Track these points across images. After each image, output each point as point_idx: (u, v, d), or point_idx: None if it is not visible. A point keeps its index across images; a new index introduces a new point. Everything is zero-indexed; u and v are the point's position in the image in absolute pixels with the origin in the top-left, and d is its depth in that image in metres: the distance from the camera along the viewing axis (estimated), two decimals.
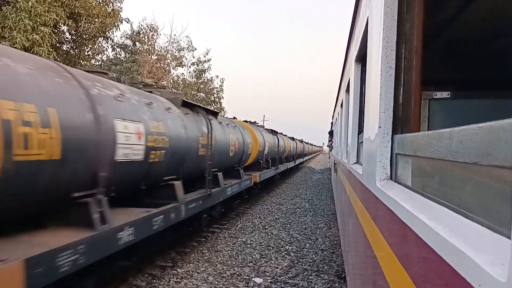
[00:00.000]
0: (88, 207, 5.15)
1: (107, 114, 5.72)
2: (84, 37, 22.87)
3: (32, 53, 15.64)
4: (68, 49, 23.45)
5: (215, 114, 11.89)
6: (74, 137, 4.86)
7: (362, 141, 3.80)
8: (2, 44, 14.60)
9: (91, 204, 5.19)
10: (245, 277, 7.80)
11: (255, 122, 21.38)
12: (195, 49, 40.64)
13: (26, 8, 17.20)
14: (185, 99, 9.49)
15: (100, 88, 5.93)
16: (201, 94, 41.97)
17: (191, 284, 7.29)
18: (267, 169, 19.20)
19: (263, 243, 10.40)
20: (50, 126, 4.42)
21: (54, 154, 4.50)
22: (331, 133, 22.67)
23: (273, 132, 23.91)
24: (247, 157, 15.76)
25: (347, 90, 6.58)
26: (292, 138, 38.04)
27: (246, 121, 19.22)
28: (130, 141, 6.22)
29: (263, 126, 23.47)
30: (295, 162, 34.45)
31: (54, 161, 4.53)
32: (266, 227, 12.45)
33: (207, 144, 9.83)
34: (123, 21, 25.24)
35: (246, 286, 7.32)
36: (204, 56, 41.57)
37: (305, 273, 8.13)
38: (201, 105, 10.81)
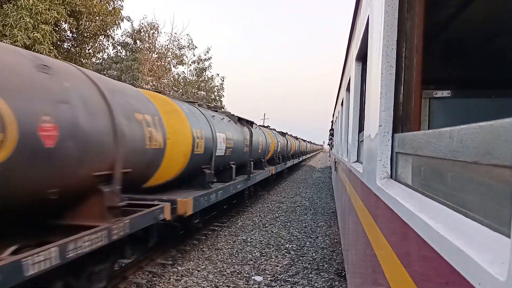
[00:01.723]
0: (205, 176, 10.13)
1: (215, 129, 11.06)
2: (85, 35, 22.90)
3: (33, 51, 15.64)
4: (69, 47, 23.47)
5: (252, 123, 16.26)
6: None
7: (363, 140, 3.80)
8: (3, 42, 14.61)
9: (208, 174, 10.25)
10: (245, 275, 7.81)
11: (268, 126, 26.59)
12: (196, 47, 40.67)
13: (27, 6, 17.20)
14: (238, 116, 14.44)
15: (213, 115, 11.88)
16: (202, 92, 41.98)
17: (191, 282, 7.30)
18: (279, 164, 23.77)
19: (263, 241, 10.41)
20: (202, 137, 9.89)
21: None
22: (331, 132, 22.71)
23: (282, 134, 29.20)
24: (268, 153, 20.61)
25: (348, 89, 6.58)
26: (296, 138, 41.33)
27: (263, 126, 24.47)
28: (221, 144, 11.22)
29: (274, 129, 27.31)
30: (298, 159, 39.99)
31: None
32: (266, 225, 12.46)
33: (248, 145, 14.62)
34: (124, 19, 25.28)
35: (246, 284, 7.33)
36: (205, 55, 41.61)
37: (305, 271, 8.14)
38: (245, 118, 15.29)
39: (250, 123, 16.19)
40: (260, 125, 22.21)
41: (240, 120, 14.82)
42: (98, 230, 4.98)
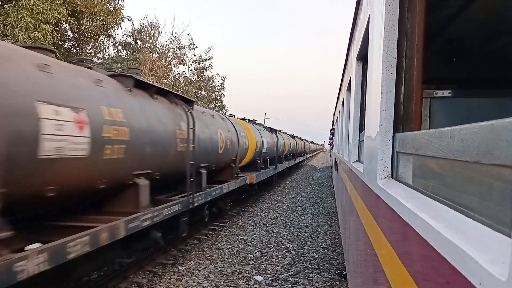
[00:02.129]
0: (258, 164, 17.58)
1: (262, 136, 18.22)
2: (86, 35, 22.90)
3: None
4: (70, 47, 23.48)
5: (276, 131, 14.80)
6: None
7: (363, 140, 3.80)
8: (4, 42, 14.62)
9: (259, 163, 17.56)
10: (246, 274, 7.81)
11: (254, 120, 21.39)
12: (196, 47, 40.66)
13: (28, 6, 17.20)
14: (270, 127, 13.07)
15: None
16: (203, 92, 41.99)
17: (192, 281, 7.31)
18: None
19: (264, 241, 10.41)
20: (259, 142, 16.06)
21: None
22: (332, 132, 22.71)
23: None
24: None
25: (348, 89, 6.57)
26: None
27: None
28: (265, 145, 17.46)
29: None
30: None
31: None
32: (267, 225, 12.46)
33: (276, 145, 13.13)
34: (125, 19, 25.26)
35: (247, 284, 7.33)
36: (205, 54, 41.60)
37: (305, 271, 8.14)
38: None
39: (275, 131, 23.71)
40: (278, 131, 25.83)
41: (271, 130, 22.18)
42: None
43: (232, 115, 18.39)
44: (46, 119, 4.51)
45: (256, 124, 21.07)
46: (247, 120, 19.47)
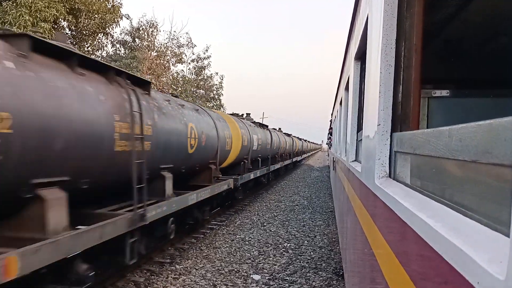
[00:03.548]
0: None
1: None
2: (84, 33, 22.87)
3: None
4: None
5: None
6: None
7: (361, 139, 3.80)
8: None
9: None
10: (243, 273, 7.81)
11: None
12: (195, 45, 40.69)
13: (26, 3, 17.17)
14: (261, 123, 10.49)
15: None
16: (201, 90, 41.97)
17: (189, 280, 7.30)
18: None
19: (261, 240, 10.42)
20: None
21: None
22: (330, 131, 22.76)
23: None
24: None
25: (347, 88, 6.57)
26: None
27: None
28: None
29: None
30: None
31: None
32: (265, 224, 12.46)
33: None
34: (123, 17, 25.25)
35: (244, 283, 7.33)
36: (204, 53, 41.59)
37: (303, 270, 8.14)
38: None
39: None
40: (275, 129, 27.04)
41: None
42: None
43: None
44: None
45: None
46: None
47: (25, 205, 4.52)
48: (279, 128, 33.03)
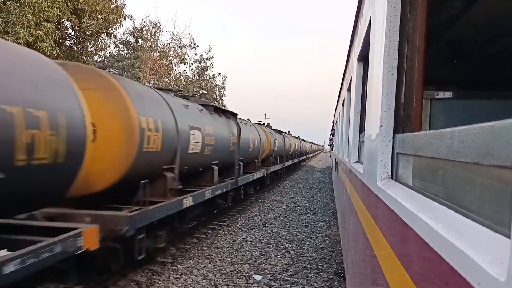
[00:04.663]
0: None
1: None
2: (87, 33, 22.89)
3: (34, 48, 15.67)
4: (71, 45, 23.48)
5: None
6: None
7: (363, 140, 3.80)
8: (5, 39, 14.63)
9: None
10: (244, 274, 7.82)
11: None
12: (197, 46, 40.69)
13: (30, 3, 17.21)
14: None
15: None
16: (203, 91, 42.01)
17: (191, 280, 7.31)
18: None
19: (263, 241, 10.42)
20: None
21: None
22: (332, 133, 22.87)
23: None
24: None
25: (349, 89, 6.58)
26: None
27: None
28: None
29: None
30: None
31: None
32: (266, 224, 12.47)
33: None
34: (126, 18, 25.26)
35: (245, 283, 7.33)
36: (206, 54, 41.62)
37: (304, 271, 8.14)
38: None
39: (283, 133, 26.05)
40: (285, 132, 29.78)
41: (280, 132, 24.76)
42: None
43: (259, 123, 22.77)
44: None
45: (269, 127, 25.23)
46: (263, 124, 24.15)
47: (207, 170, 11.12)
48: (289, 132, 36.36)
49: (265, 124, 25.54)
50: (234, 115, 14.00)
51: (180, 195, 8.32)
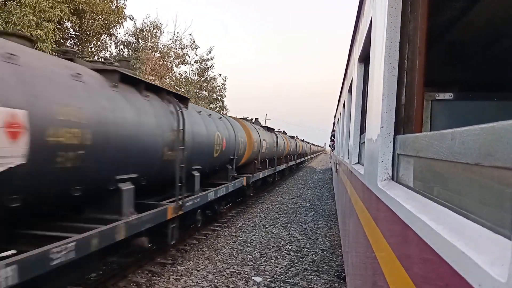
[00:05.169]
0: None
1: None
2: (88, 33, 22.91)
3: (35, 49, 15.66)
4: (72, 46, 23.47)
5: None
6: None
7: (364, 141, 3.80)
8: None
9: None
10: (244, 275, 7.81)
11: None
12: (198, 47, 40.70)
13: (31, 3, 17.22)
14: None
15: None
16: (204, 92, 42.01)
17: (191, 281, 7.30)
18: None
19: (263, 242, 10.41)
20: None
21: None
22: (333, 134, 22.90)
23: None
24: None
25: (350, 90, 6.57)
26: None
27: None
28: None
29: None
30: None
31: None
32: (267, 226, 12.46)
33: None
34: (127, 18, 25.28)
35: (245, 285, 7.32)
36: (207, 54, 41.63)
37: (304, 273, 8.14)
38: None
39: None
40: (280, 131, 28.36)
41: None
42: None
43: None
44: None
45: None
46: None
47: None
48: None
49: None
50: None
51: None
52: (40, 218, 5.58)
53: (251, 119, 20.83)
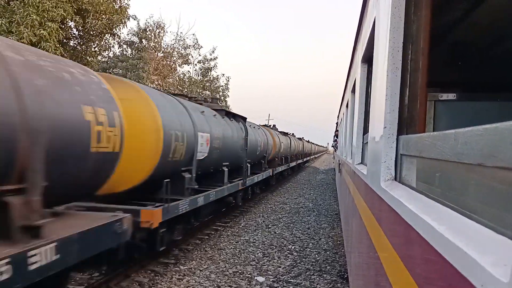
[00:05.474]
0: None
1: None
2: (91, 33, 22.95)
3: (38, 48, 15.70)
4: (75, 45, 23.54)
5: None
6: None
7: (367, 142, 3.80)
8: (10, 38, 14.65)
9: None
10: (247, 275, 7.81)
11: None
12: (201, 47, 40.77)
13: (34, 3, 17.28)
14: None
15: None
16: (207, 92, 42.06)
17: (193, 281, 7.31)
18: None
19: (266, 242, 10.41)
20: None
21: None
22: (336, 134, 23.03)
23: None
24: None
25: (353, 91, 6.57)
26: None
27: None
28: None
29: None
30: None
31: None
32: (269, 226, 12.46)
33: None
34: (130, 18, 25.35)
35: (248, 285, 7.33)
36: (210, 54, 41.67)
37: (307, 273, 8.14)
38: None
39: (287, 134, 27.95)
40: (290, 134, 31.86)
41: (285, 134, 26.90)
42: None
43: (265, 125, 24.12)
44: None
45: (273, 129, 25.83)
46: (270, 127, 25.64)
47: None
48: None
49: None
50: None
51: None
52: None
53: (270, 125, 27.83)
